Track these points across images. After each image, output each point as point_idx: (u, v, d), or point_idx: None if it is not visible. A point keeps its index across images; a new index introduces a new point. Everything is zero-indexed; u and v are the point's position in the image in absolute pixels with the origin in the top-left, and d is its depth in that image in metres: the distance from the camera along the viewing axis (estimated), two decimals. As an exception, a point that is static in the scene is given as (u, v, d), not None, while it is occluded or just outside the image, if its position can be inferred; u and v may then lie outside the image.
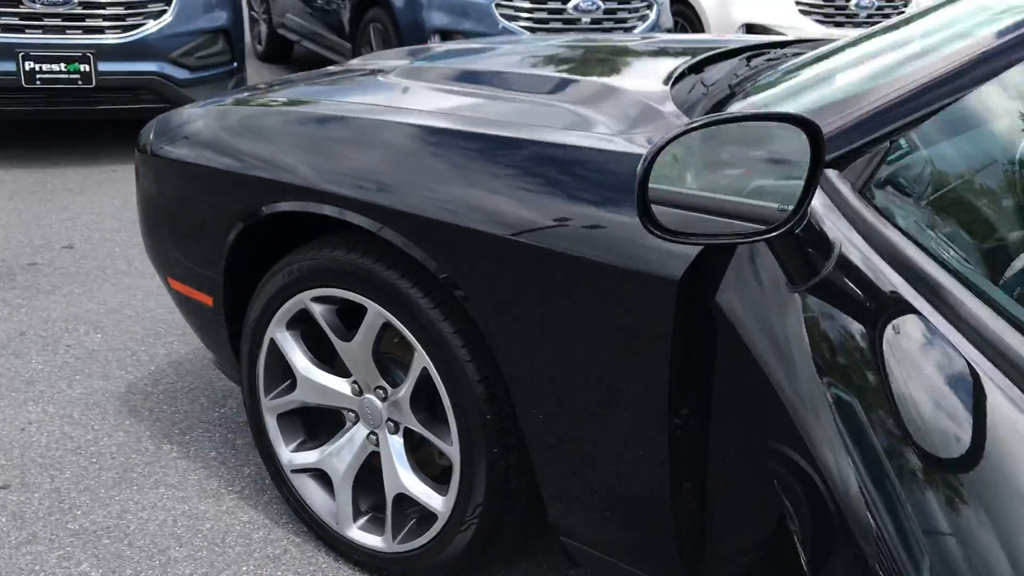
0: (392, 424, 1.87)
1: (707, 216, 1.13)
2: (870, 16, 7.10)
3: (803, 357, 1.10)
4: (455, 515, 1.76)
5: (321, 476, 2.00)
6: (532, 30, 5.69)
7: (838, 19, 7.11)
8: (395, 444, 1.87)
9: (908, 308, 1.04)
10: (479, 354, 1.65)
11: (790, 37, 6.90)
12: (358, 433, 1.93)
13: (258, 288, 1.94)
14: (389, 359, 1.86)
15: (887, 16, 7.20)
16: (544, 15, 5.72)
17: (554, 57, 2.21)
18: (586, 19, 5.81)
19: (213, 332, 2.13)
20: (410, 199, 1.63)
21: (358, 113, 1.83)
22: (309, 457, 2.00)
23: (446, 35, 5.67)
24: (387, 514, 1.88)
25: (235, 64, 5.27)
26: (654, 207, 1.11)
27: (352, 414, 1.93)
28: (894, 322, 1.05)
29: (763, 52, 2.03)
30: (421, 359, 1.72)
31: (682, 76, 1.82)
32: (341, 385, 1.92)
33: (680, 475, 1.43)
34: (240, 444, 2.43)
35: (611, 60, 2.14)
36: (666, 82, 1.76)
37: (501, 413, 1.67)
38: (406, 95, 1.96)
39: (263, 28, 7.87)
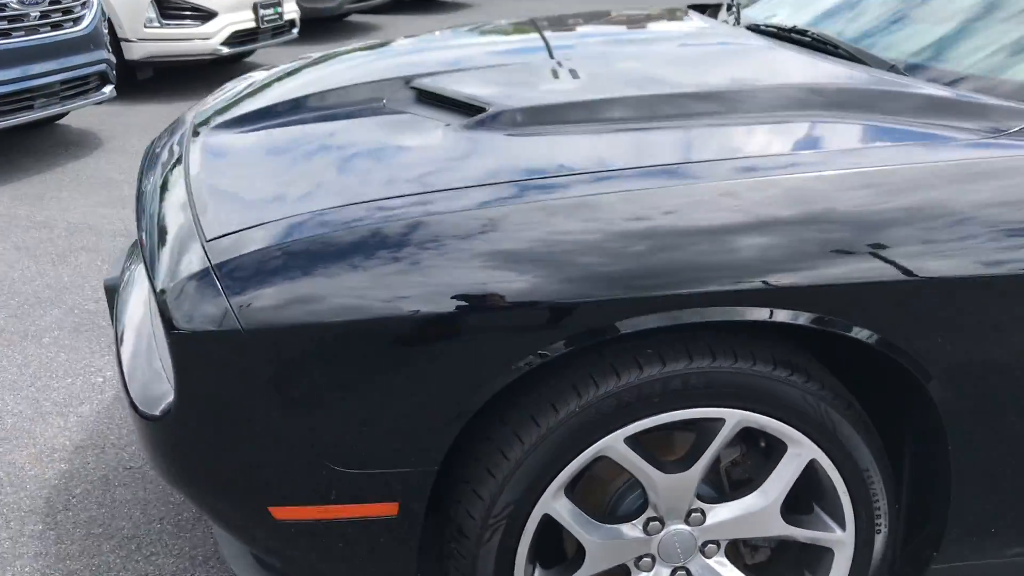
0: (713, 545, 1.50)
1: None
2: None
3: None
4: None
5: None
6: (-28, 35, 4.36)
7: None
8: (720, 565, 1.52)
9: None
10: (872, 430, 1.44)
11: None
12: (658, 578, 1.51)
13: (521, 456, 1.34)
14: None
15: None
16: (-14, 14, 4.40)
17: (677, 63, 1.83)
18: (34, 13, 4.63)
19: (385, 553, 1.39)
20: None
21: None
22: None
23: None
24: None
25: None
26: None
27: (646, 559, 1.49)
28: None
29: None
30: (802, 452, 1.42)
31: None
32: (634, 531, 1.47)
33: None
34: None
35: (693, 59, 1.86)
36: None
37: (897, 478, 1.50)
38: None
39: None
